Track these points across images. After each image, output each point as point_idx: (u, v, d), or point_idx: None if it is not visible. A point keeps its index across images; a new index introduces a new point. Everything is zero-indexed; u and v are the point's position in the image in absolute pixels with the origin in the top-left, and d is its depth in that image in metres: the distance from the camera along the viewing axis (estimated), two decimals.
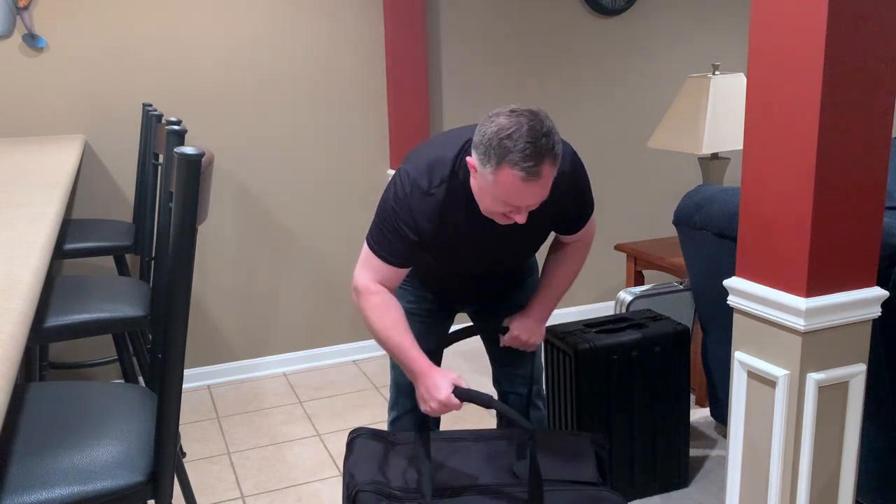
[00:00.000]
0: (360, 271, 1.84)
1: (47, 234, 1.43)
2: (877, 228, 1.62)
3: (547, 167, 1.60)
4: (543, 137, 1.59)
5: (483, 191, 1.67)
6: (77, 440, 1.18)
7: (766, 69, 1.58)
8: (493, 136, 1.60)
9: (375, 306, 1.81)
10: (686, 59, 4.21)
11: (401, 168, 1.81)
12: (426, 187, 1.75)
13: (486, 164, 1.61)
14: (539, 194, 1.63)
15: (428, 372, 1.75)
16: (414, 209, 1.75)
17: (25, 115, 3.11)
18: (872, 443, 1.92)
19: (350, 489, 1.75)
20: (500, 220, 1.73)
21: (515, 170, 1.57)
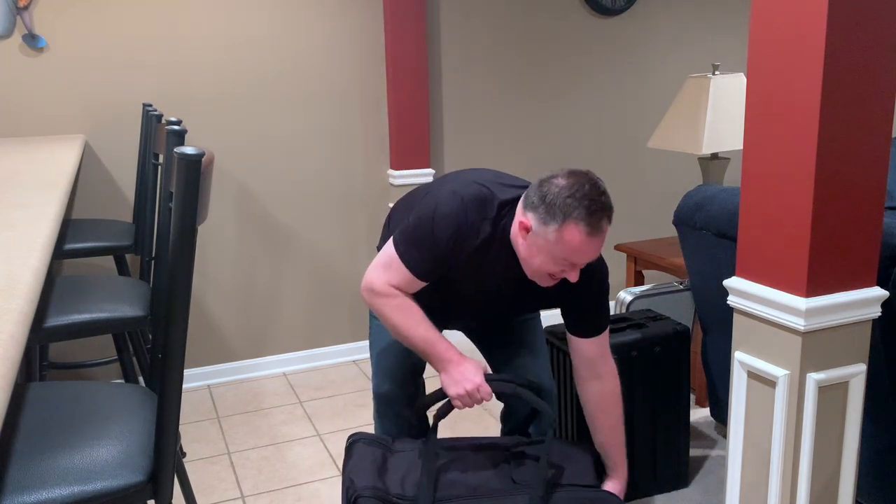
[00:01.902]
0: (379, 273, 1.83)
1: (47, 234, 1.43)
2: (877, 228, 1.61)
3: (606, 223, 1.70)
4: (603, 195, 1.70)
5: (539, 250, 1.72)
6: (77, 440, 1.18)
7: (766, 69, 1.58)
8: (556, 195, 1.68)
9: (398, 307, 1.82)
10: (686, 59, 4.21)
11: (448, 188, 1.82)
12: (473, 217, 1.78)
13: (550, 223, 1.68)
14: (596, 251, 1.71)
15: (461, 360, 1.78)
16: (457, 230, 1.77)
17: (25, 115, 3.11)
18: (872, 443, 1.92)
19: (350, 494, 1.75)
20: (544, 282, 1.77)
21: (581, 225, 1.65)
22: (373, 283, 1.84)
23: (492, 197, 1.81)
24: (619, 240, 4.19)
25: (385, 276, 1.82)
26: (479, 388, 1.74)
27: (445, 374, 1.79)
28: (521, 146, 3.92)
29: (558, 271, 1.73)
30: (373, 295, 1.85)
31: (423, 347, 1.81)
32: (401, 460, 1.83)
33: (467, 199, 1.78)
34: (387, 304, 1.82)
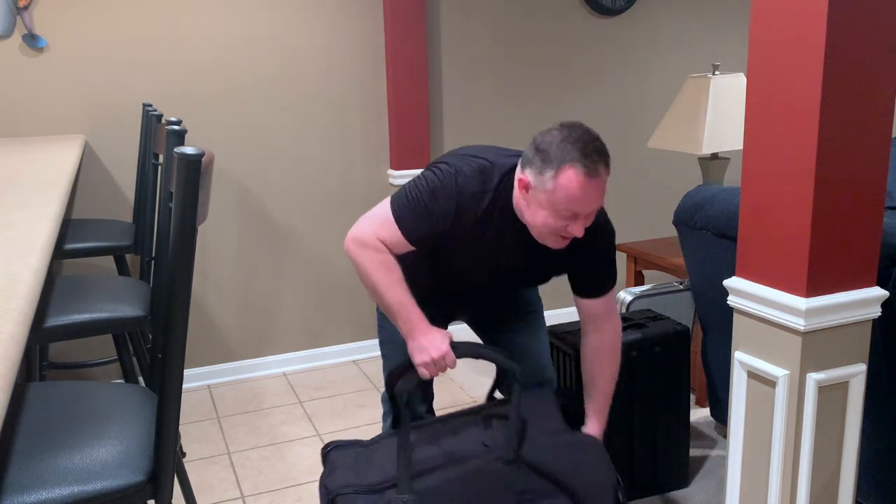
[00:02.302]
0: (369, 226, 1.81)
1: (47, 234, 1.43)
2: (877, 228, 1.61)
3: (603, 168, 1.68)
4: (597, 140, 1.69)
5: (540, 204, 1.70)
6: (77, 440, 1.18)
7: (766, 69, 1.58)
8: (550, 143, 1.67)
9: (380, 262, 1.80)
10: (686, 59, 4.21)
11: (448, 160, 1.81)
12: (475, 188, 1.77)
13: (547, 171, 1.67)
14: (596, 197, 1.68)
15: (429, 328, 1.78)
16: (458, 203, 1.76)
17: (25, 115, 3.11)
18: (872, 443, 1.92)
19: (326, 499, 1.75)
20: (551, 242, 1.75)
21: (578, 167, 1.64)
22: (362, 233, 1.81)
23: (491, 168, 1.80)
24: (619, 240, 4.19)
25: (376, 230, 1.80)
26: (444, 355, 1.73)
27: (412, 340, 1.78)
28: (521, 146, 3.92)
29: (563, 226, 1.71)
30: (359, 245, 1.81)
31: (397, 309, 1.79)
32: (379, 450, 1.82)
33: (466, 172, 1.78)
34: (371, 257, 1.79)
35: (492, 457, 1.72)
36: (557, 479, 1.72)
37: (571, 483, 1.72)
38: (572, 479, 1.72)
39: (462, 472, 1.71)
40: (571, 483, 1.72)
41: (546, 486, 1.72)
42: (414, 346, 1.78)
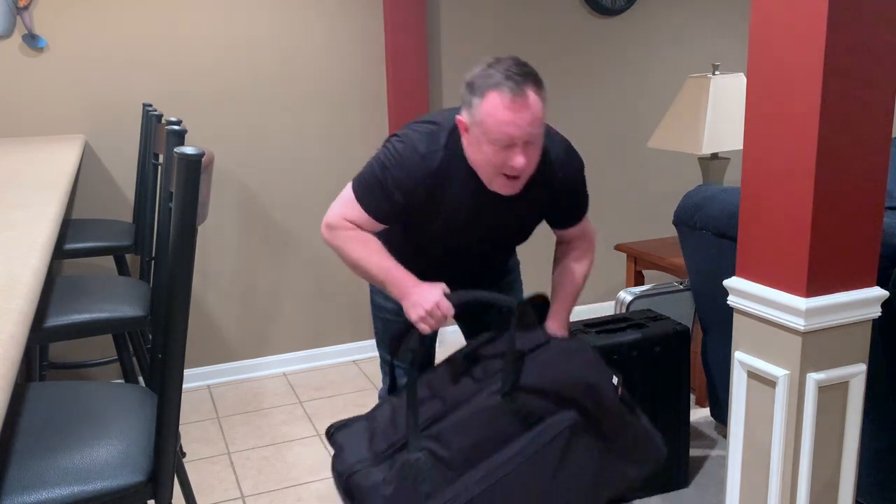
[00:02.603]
0: (335, 209, 1.83)
1: (47, 234, 1.43)
2: (877, 228, 1.61)
3: (532, 90, 1.64)
4: (525, 66, 1.67)
5: (478, 141, 1.68)
6: (77, 440, 1.18)
7: (766, 69, 1.58)
8: (476, 75, 1.67)
9: (354, 238, 1.81)
10: (686, 59, 4.21)
11: (395, 134, 1.81)
12: (423, 151, 1.75)
13: (473, 102, 1.65)
14: (529, 122, 1.63)
15: (418, 284, 1.76)
16: (409, 171, 1.75)
17: (25, 115, 3.11)
18: (872, 443, 1.92)
19: (341, 481, 1.74)
20: (500, 187, 1.71)
21: (501, 89, 1.62)
22: (330, 217, 1.83)
23: (438, 128, 1.78)
24: (619, 240, 4.19)
25: (341, 211, 1.82)
26: (437, 304, 1.71)
27: (405, 300, 1.76)
28: None
29: (503, 160, 1.66)
30: (330, 230, 1.83)
31: (383, 277, 1.78)
32: (380, 416, 1.81)
33: (413, 138, 1.77)
34: (343, 236, 1.81)
35: (490, 391, 1.71)
36: (556, 395, 1.70)
37: (570, 394, 1.70)
38: (570, 391, 1.70)
39: (465, 414, 1.70)
40: (570, 394, 1.70)
41: (547, 404, 1.70)
42: (408, 305, 1.75)
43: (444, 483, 1.66)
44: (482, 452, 1.68)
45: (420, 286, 1.76)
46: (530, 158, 1.69)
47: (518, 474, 1.66)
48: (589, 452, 1.71)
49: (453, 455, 1.67)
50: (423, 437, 1.70)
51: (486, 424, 1.70)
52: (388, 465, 1.72)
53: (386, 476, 1.70)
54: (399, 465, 1.69)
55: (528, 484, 1.67)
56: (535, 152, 1.71)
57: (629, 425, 1.74)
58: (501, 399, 1.70)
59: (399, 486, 1.67)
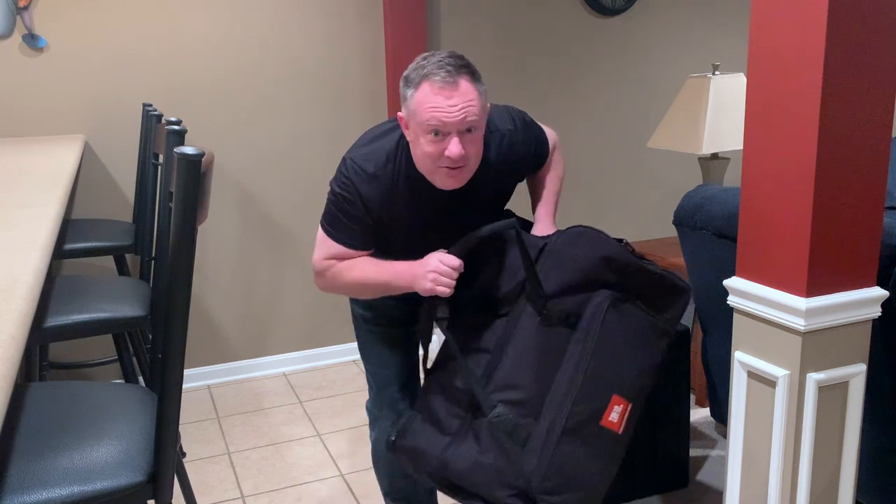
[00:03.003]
0: (316, 254, 1.83)
1: (47, 233, 1.43)
2: (877, 228, 1.61)
3: (465, 80, 1.62)
4: (461, 59, 1.65)
5: (415, 136, 1.66)
6: (77, 440, 1.18)
7: (766, 69, 1.58)
8: (411, 68, 1.67)
9: (344, 268, 1.79)
10: (686, 59, 4.21)
11: (343, 158, 1.80)
12: (372, 171, 1.74)
13: (408, 95, 1.65)
14: (461, 107, 1.60)
15: (418, 263, 1.73)
16: (363, 194, 1.74)
17: (25, 115, 3.11)
18: (872, 443, 1.92)
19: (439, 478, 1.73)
20: (443, 181, 1.68)
21: (432, 79, 1.61)
22: (314, 264, 1.83)
23: (384, 141, 1.77)
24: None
25: (320, 254, 1.82)
26: (442, 262, 1.68)
27: (415, 284, 1.73)
28: None
29: (440, 151, 1.63)
30: (319, 276, 1.83)
31: (386, 278, 1.76)
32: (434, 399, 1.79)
33: (357, 159, 1.75)
34: (333, 273, 1.80)
35: (526, 316, 1.71)
36: (581, 284, 1.71)
37: (593, 276, 1.71)
38: (590, 273, 1.71)
39: (517, 350, 1.70)
40: (593, 276, 1.71)
41: (577, 298, 1.71)
42: (419, 285, 1.72)
43: (533, 422, 1.65)
44: (548, 374, 1.68)
45: (419, 263, 1.73)
46: (469, 148, 1.65)
47: (593, 370, 1.66)
48: (635, 315, 1.73)
49: (527, 393, 1.67)
50: (490, 392, 1.69)
51: (538, 348, 1.69)
52: (472, 436, 1.70)
53: (478, 447, 1.68)
54: (484, 430, 1.68)
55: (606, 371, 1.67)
56: (475, 144, 1.67)
57: (649, 274, 1.76)
58: (539, 317, 1.69)
59: (495, 448, 1.66)
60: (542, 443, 1.63)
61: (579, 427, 1.64)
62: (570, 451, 1.63)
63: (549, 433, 1.63)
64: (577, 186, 4.04)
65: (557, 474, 1.63)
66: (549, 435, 1.63)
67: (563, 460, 1.63)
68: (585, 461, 1.65)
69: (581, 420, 1.64)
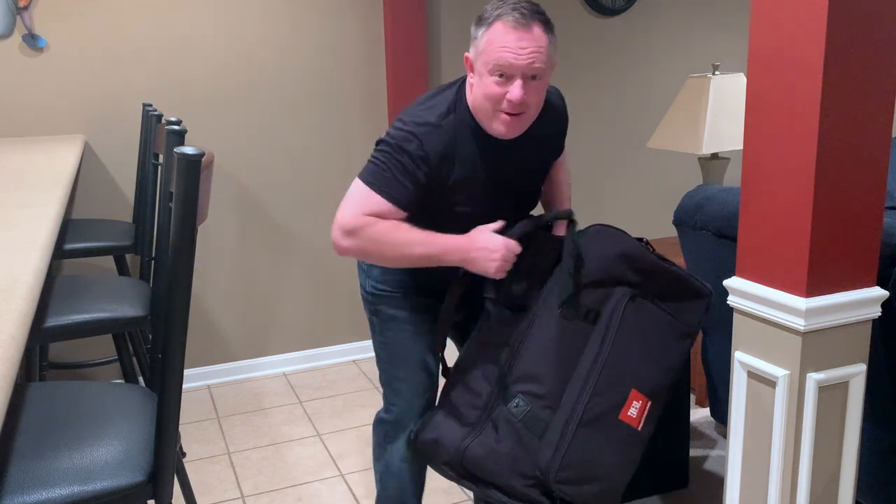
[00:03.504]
0: (351, 210, 1.68)
1: (47, 233, 1.43)
2: (877, 228, 1.61)
3: (538, 26, 1.62)
4: (536, 5, 1.65)
5: (479, 77, 1.65)
6: (77, 440, 1.18)
7: (766, 69, 1.58)
8: (486, 8, 1.68)
9: (385, 230, 1.67)
10: (686, 59, 4.21)
11: (397, 118, 1.75)
12: (435, 121, 1.70)
13: (478, 34, 1.65)
14: (532, 53, 1.60)
15: (470, 238, 1.70)
16: (426, 145, 1.68)
17: (25, 115, 3.11)
18: (872, 443, 1.92)
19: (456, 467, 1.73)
20: (499, 126, 1.66)
21: (506, 18, 1.61)
22: (343, 221, 1.68)
23: (440, 96, 1.76)
24: None
25: (357, 209, 1.68)
26: (507, 247, 1.68)
27: (471, 263, 1.69)
28: None
29: (501, 93, 1.62)
30: (349, 234, 1.67)
31: (436, 251, 1.69)
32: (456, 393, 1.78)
33: (419, 112, 1.73)
34: (372, 232, 1.67)
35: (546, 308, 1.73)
36: (600, 281, 1.73)
37: (612, 273, 1.74)
38: (609, 270, 1.74)
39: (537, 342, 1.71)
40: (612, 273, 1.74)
41: (596, 294, 1.73)
42: (478, 265, 1.69)
43: (551, 414, 1.67)
44: (568, 368, 1.69)
45: (474, 239, 1.70)
46: (531, 96, 1.64)
47: (611, 363, 1.68)
48: (655, 313, 1.75)
49: (547, 386, 1.68)
50: (511, 384, 1.70)
51: (559, 342, 1.71)
52: (490, 427, 1.71)
53: (496, 436, 1.69)
54: (503, 420, 1.69)
55: (625, 365, 1.69)
56: (537, 92, 1.66)
57: (670, 275, 1.77)
58: (559, 311, 1.71)
59: (513, 438, 1.67)
60: (559, 434, 1.65)
61: (597, 419, 1.66)
62: (588, 443, 1.65)
63: (567, 424, 1.65)
64: (577, 186, 4.04)
65: (575, 465, 1.64)
66: (566, 426, 1.65)
67: (581, 452, 1.64)
68: (603, 454, 1.66)
69: (599, 412, 1.66)
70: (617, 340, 1.69)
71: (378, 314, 1.96)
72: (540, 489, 1.67)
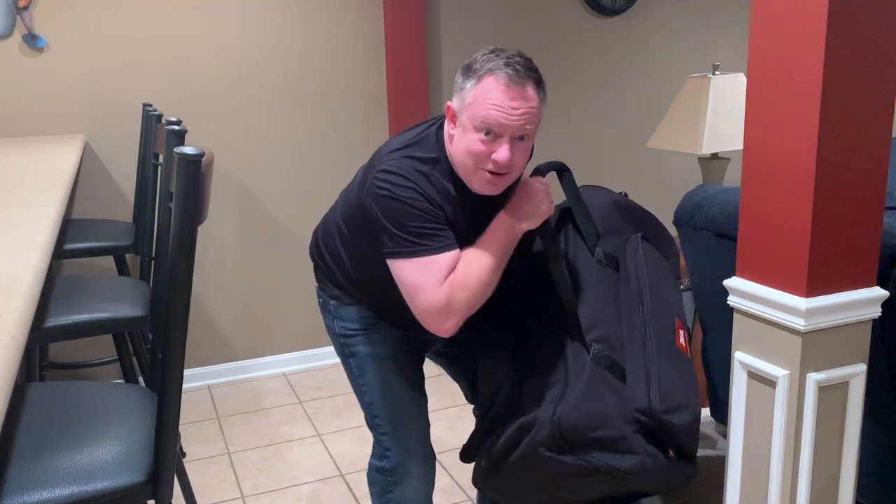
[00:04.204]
0: (426, 292, 1.57)
1: (47, 233, 1.43)
2: (877, 228, 1.61)
3: (531, 86, 1.54)
4: (529, 61, 1.57)
5: (463, 130, 1.56)
6: (77, 440, 1.18)
7: (766, 69, 1.58)
8: (475, 58, 1.56)
9: (463, 279, 1.58)
10: (686, 59, 4.21)
11: (384, 168, 1.60)
12: (426, 170, 1.61)
13: (466, 85, 1.55)
14: (522, 115, 1.52)
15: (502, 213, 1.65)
16: (428, 191, 1.60)
17: (25, 115, 3.11)
18: (873, 443, 1.92)
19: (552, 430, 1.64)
20: (480, 185, 1.58)
21: (499, 73, 1.51)
22: (432, 304, 1.57)
23: (419, 139, 1.65)
24: None
25: (434, 281, 1.57)
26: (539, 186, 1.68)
27: (528, 220, 1.65)
28: None
29: (487, 152, 1.53)
30: (446, 312, 1.58)
31: (497, 248, 1.62)
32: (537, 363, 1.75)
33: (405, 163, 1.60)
34: (459, 286, 1.57)
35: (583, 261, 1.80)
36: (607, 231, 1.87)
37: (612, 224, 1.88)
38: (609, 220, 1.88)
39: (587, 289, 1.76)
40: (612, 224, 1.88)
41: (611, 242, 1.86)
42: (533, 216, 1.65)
43: (622, 352, 1.72)
44: (615, 309, 1.77)
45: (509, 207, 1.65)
46: (516, 158, 1.56)
47: (655, 294, 1.79)
48: (657, 254, 1.91)
49: (606, 328, 1.73)
50: (584, 335, 1.71)
51: (601, 286, 1.79)
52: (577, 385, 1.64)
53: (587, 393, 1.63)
54: (589, 373, 1.65)
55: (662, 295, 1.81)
56: (523, 154, 1.59)
57: (652, 219, 1.97)
58: (594, 258, 1.82)
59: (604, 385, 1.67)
60: (643, 370, 1.68)
61: (665, 349, 1.73)
62: (667, 371, 1.70)
63: (645, 359, 1.69)
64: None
65: (669, 395, 1.68)
66: (646, 361, 1.69)
67: (664, 380, 1.69)
68: (678, 380, 1.72)
69: (663, 341, 1.73)
70: (646, 277, 1.79)
71: (354, 356, 1.89)
72: (643, 433, 1.63)
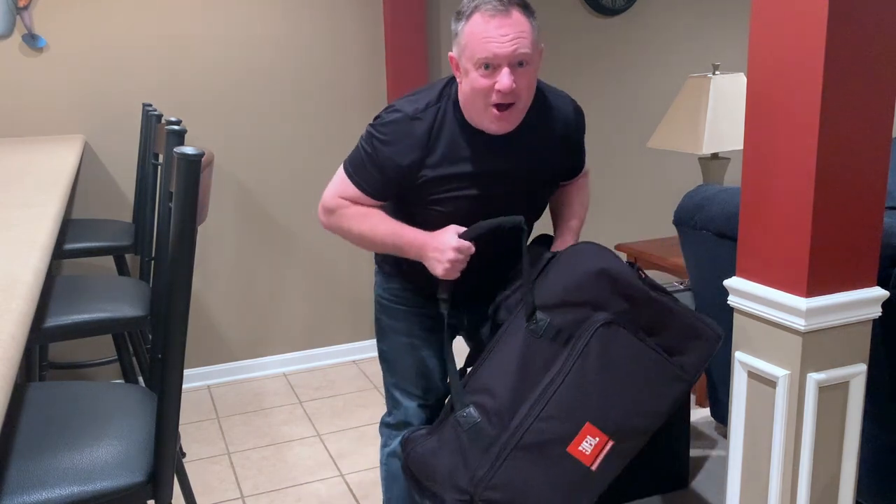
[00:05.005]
0: (331, 190, 1.80)
1: (47, 233, 1.43)
2: (877, 228, 1.61)
3: (517, 11, 1.59)
4: None
5: (465, 73, 1.62)
6: (77, 440, 1.18)
7: (766, 69, 1.58)
8: (462, 3, 1.64)
9: (354, 214, 1.76)
10: (686, 59, 4.21)
11: (391, 103, 1.77)
12: (411, 111, 1.69)
13: (458, 29, 1.62)
14: (513, 39, 1.57)
15: (431, 235, 1.69)
16: (400, 137, 1.69)
17: (25, 115, 3.11)
18: (873, 443, 1.92)
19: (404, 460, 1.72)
20: (491, 123, 1.63)
21: (484, 8, 1.58)
22: (324, 201, 1.80)
23: (426, 91, 1.75)
24: (619, 240, 4.19)
25: (335, 191, 1.78)
26: (460, 249, 1.65)
27: (426, 259, 1.70)
28: None
29: (489, 85, 1.58)
30: (327, 212, 1.80)
31: (393, 241, 1.73)
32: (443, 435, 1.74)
33: (403, 102, 1.73)
34: (342, 214, 1.77)
35: (515, 324, 1.68)
36: (577, 302, 1.64)
37: (591, 294, 1.63)
38: (586, 287, 1.64)
39: (498, 356, 1.66)
40: (591, 294, 1.63)
41: (575, 316, 1.63)
42: (431, 263, 1.68)
43: (500, 430, 1.60)
44: (529, 386, 1.62)
45: (434, 237, 1.69)
46: (520, 83, 1.60)
47: (565, 388, 1.58)
48: (638, 348, 1.61)
49: (499, 401, 1.62)
50: (467, 393, 1.67)
51: (522, 359, 1.63)
52: (441, 432, 1.68)
53: (441, 442, 1.66)
54: (450, 426, 1.65)
55: (583, 394, 1.58)
56: (526, 78, 1.61)
57: (664, 308, 1.65)
58: (526, 326, 1.64)
59: (455, 446, 1.63)
60: (497, 452, 1.59)
61: (539, 446, 1.57)
62: (524, 467, 1.57)
63: (507, 443, 1.59)
64: None
65: (504, 487, 1.57)
66: (506, 445, 1.59)
67: (514, 474, 1.57)
68: (539, 484, 1.57)
69: (543, 439, 1.57)
70: (577, 365, 1.59)
71: (379, 322, 2.01)
72: None
